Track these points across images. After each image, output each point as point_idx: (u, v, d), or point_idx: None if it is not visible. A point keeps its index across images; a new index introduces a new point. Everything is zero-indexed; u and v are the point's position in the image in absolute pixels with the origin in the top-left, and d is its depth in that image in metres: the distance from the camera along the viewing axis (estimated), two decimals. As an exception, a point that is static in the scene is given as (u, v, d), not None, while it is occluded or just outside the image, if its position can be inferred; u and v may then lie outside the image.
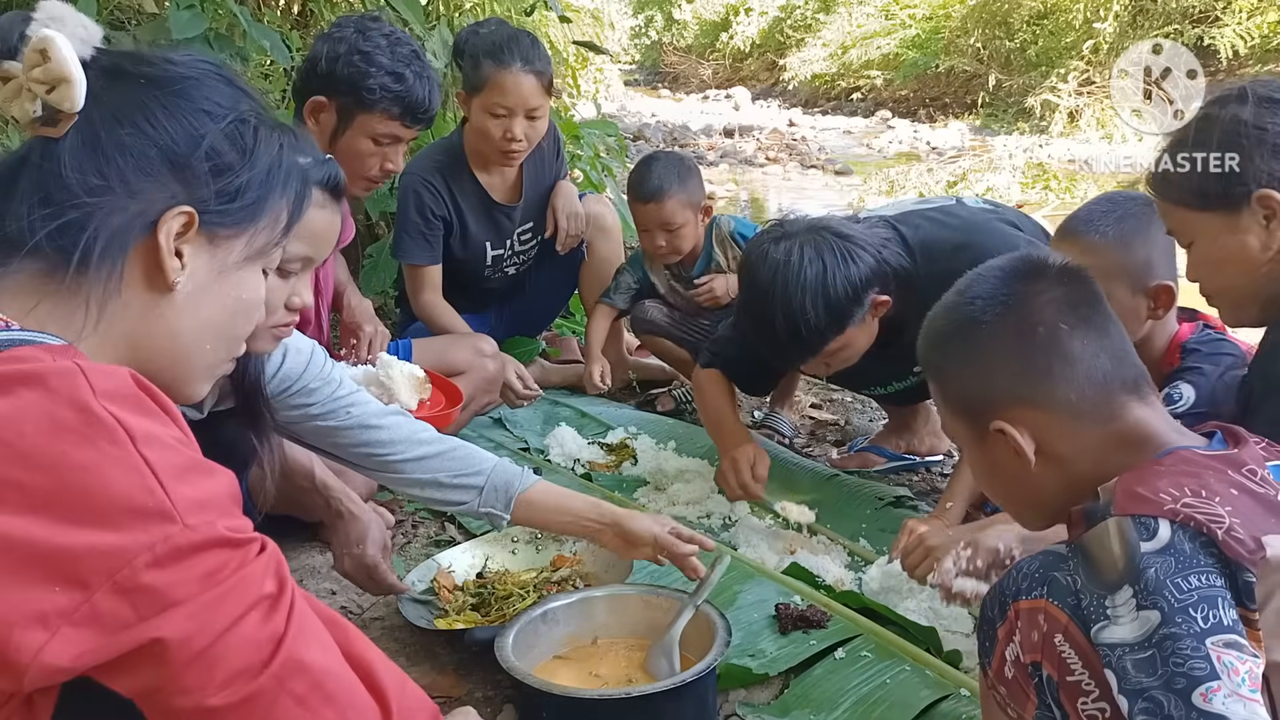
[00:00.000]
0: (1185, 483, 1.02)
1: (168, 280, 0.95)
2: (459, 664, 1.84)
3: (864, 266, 2.09)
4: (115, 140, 0.93)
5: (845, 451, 2.84)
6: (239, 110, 1.00)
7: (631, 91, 18.21)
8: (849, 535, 2.27)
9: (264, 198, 1.01)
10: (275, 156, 1.03)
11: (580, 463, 2.71)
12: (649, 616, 1.77)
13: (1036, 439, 1.16)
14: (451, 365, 2.67)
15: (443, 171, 2.95)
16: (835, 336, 2.10)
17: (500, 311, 3.30)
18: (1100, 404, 1.15)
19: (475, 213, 3.01)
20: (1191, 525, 0.98)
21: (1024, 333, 1.17)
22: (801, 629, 1.87)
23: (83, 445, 0.79)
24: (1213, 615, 0.94)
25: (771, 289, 2.07)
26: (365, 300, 2.76)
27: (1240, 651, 0.93)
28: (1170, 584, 0.96)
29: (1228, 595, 0.95)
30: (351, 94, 2.25)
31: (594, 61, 8.78)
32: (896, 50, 14.94)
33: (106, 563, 0.78)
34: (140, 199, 0.93)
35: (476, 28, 2.99)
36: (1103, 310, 1.19)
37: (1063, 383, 1.15)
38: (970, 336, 1.21)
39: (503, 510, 1.74)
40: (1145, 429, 1.14)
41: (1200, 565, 0.97)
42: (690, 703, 1.58)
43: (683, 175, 2.89)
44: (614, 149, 5.44)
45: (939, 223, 2.28)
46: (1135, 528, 1.00)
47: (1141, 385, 1.17)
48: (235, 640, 0.82)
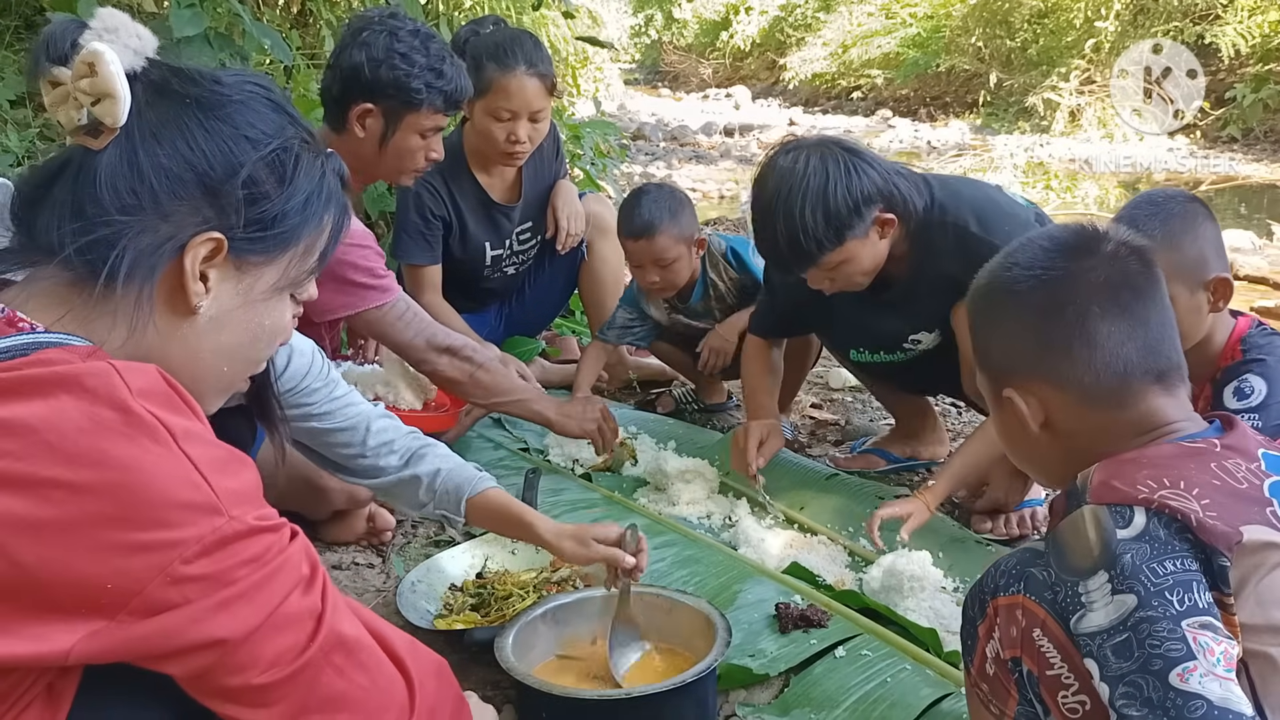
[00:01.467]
0: (1164, 474, 1.03)
1: (190, 304, 0.95)
2: (459, 664, 1.83)
3: (868, 181, 2.11)
4: (152, 160, 0.93)
5: (848, 452, 2.83)
6: (284, 137, 0.99)
7: (631, 90, 18.20)
8: (849, 535, 2.27)
9: (299, 227, 1.01)
10: (316, 185, 1.02)
11: (580, 463, 2.71)
12: (649, 616, 1.77)
13: (1046, 412, 1.17)
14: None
15: (442, 172, 2.94)
16: (834, 248, 2.10)
17: (500, 311, 3.30)
18: (1115, 391, 1.14)
19: (474, 213, 3.01)
20: (1166, 512, 1.00)
21: (1051, 311, 1.16)
22: (802, 629, 1.87)
23: (125, 443, 0.81)
24: (1188, 598, 0.95)
25: (775, 197, 2.10)
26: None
27: (1215, 633, 0.94)
28: (1146, 569, 0.97)
29: (1203, 580, 0.97)
30: (398, 96, 2.28)
31: (594, 60, 8.79)
32: (897, 49, 14.94)
33: (159, 557, 0.80)
34: (171, 221, 0.93)
35: (476, 28, 2.95)
36: (1149, 296, 1.17)
37: (1080, 365, 1.14)
38: (1001, 303, 1.22)
39: (455, 513, 1.77)
40: (1157, 418, 1.14)
41: (1175, 551, 0.98)
42: (690, 703, 1.57)
43: (673, 209, 2.80)
44: (614, 148, 5.44)
45: (975, 186, 2.31)
46: (1111, 515, 1.02)
47: (1169, 376, 1.15)
48: (282, 620, 0.87)
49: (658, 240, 2.76)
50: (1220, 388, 1.81)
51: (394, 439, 1.79)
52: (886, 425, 2.93)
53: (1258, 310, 4.44)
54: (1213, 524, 0.98)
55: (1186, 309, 1.76)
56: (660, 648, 1.74)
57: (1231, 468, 1.06)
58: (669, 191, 2.89)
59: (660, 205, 2.78)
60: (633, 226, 2.79)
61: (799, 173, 2.09)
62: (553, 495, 2.48)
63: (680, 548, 2.23)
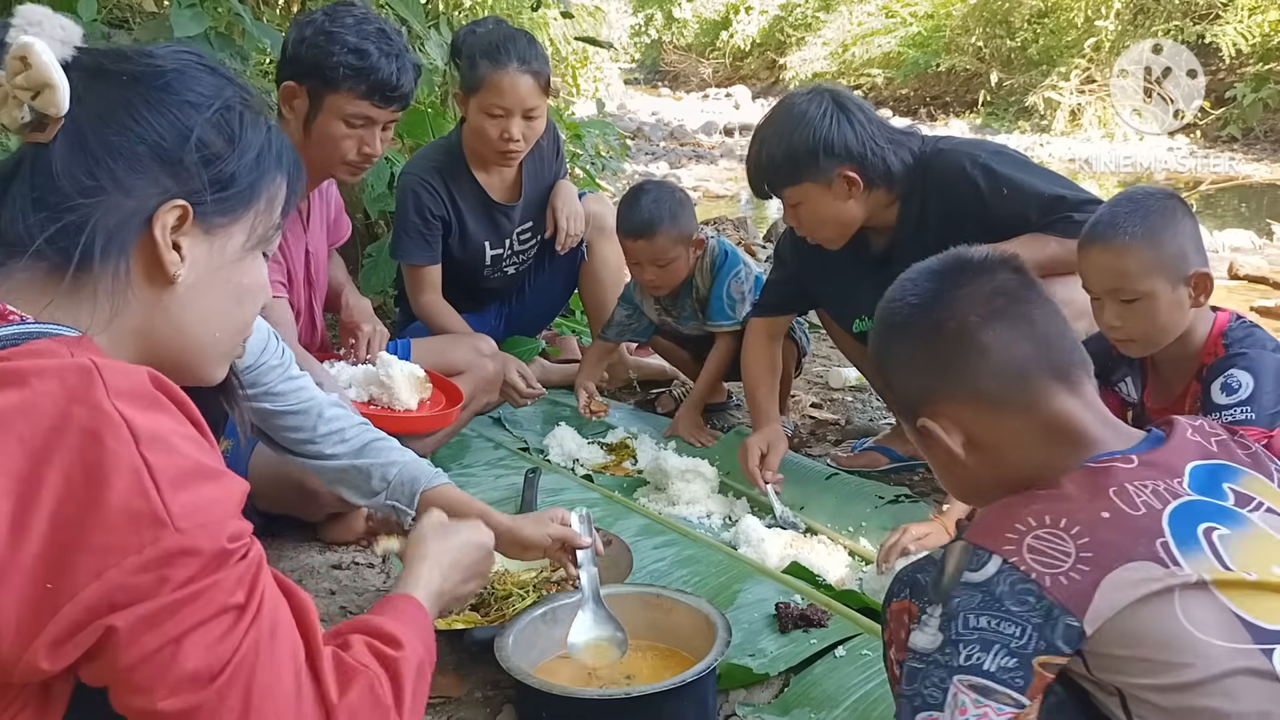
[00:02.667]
0: (1047, 512, 1.03)
1: (168, 274, 0.96)
2: (459, 664, 1.84)
3: (839, 136, 2.22)
4: (103, 141, 0.94)
5: (849, 451, 2.83)
6: (224, 98, 1.00)
7: (631, 90, 18.21)
8: (849, 535, 2.27)
9: (257, 182, 1.02)
10: (264, 140, 1.03)
11: (580, 462, 2.71)
12: (649, 616, 1.77)
13: (965, 431, 1.17)
14: (451, 365, 2.66)
15: (441, 171, 2.94)
16: (789, 185, 2.27)
17: (500, 311, 3.29)
18: (1021, 390, 1.14)
19: (474, 212, 3.01)
20: (1020, 570, 1.00)
21: (934, 331, 1.18)
22: (802, 628, 1.87)
23: (88, 442, 0.80)
24: (977, 657, 0.98)
25: (762, 124, 2.32)
26: (364, 299, 2.76)
27: (985, 697, 0.97)
28: (962, 617, 1.00)
29: (1019, 643, 0.97)
30: (317, 75, 2.22)
31: (594, 60, 8.79)
32: (897, 49, 14.95)
33: (96, 561, 0.79)
34: (134, 196, 0.94)
35: (474, 27, 2.95)
36: (1025, 299, 1.18)
37: (980, 373, 1.15)
38: (891, 338, 1.24)
39: (407, 505, 1.75)
40: (1069, 421, 1.13)
41: (1002, 611, 0.99)
42: (690, 702, 1.58)
43: (673, 209, 2.79)
44: (614, 147, 5.44)
45: (999, 156, 2.31)
46: (970, 556, 1.04)
47: (1072, 373, 1.15)
48: (190, 648, 0.83)
49: (656, 240, 2.76)
50: (1207, 385, 1.84)
51: (345, 428, 1.77)
52: (886, 425, 2.93)
53: (1257, 310, 4.44)
54: (1067, 584, 0.98)
55: (1168, 304, 1.81)
56: (643, 646, 1.75)
57: (1135, 491, 1.03)
58: (669, 190, 2.88)
59: (660, 204, 2.77)
60: (631, 225, 2.78)
61: (786, 107, 2.28)
62: (553, 495, 2.48)
63: (680, 548, 2.23)
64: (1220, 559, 0.99)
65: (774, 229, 5.81)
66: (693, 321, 2.97)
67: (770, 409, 2.59)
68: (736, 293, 2.87)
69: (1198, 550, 0.99)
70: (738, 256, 2.93)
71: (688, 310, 2.96)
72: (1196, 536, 1.00)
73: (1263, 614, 0.97)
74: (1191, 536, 1.00)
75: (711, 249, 2.90)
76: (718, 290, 2.87)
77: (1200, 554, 0.99)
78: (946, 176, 2.25)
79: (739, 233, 5.95)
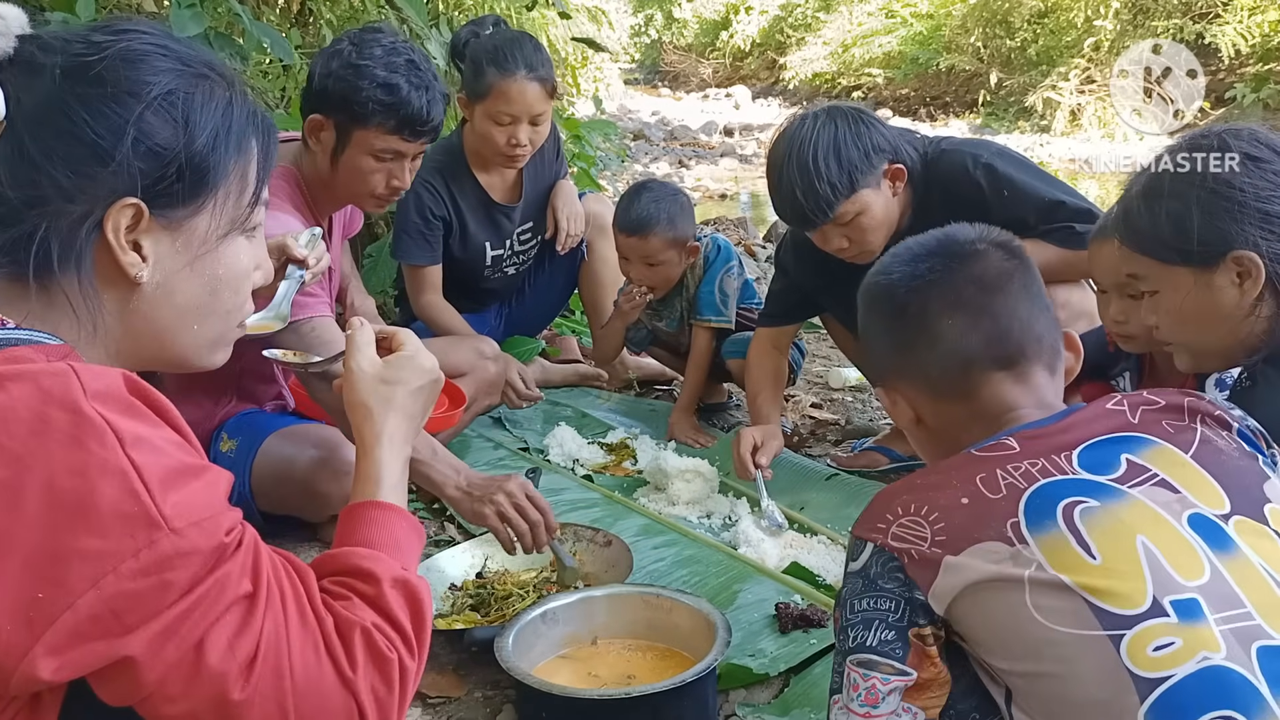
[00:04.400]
0: (914, 500, 1.10)
1: (128, 276, 0.92)
2: (459, 664, 1.84)
3: (877, 134, 2.23)
4: (41, 146, 0.88)
5: (850, 451, 2.83)
6: (165, 81, 0.92)
7: (631, 90, 18.20)
8: (849, 535, 2.27)
9: (216, 166, 0.95)
10: (220, 118, 0.95)
11: (580, 462, 2.71)
12: (649, 616, 1.77)
13: (913, 408, 1.24)
14: (453, 367, 2.66)
15: (442, 172, 2.94)
16: (848, 194, 2.20)
17: (500, 311, 3.29)
18: (959, 382, 1.18)
19: (475, 213, 3.01)
20: (888, 550, 1.08)
21: (899, 312, 1.23)
22: (802, 628, 1.87)
23: (71, 446, 0.78)
24: (861, 635, 1.07)
25: (788, 154, 2.22)
26: (369, 299, 2.76)
27: (870, 670, 1.05)
28: (849, 603, 1.10)
29: (894, 616, 1.06)
30: (345, 109, 2.13)
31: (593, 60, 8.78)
32: (897, 49, 14.93)
33: (91, 568, 0.77)
34: (81, 200, 0.89)
35: (476, 29, 2.91)
36: (999, 289, 1.19)
37: (928, 362, 1.20)
38: (866, 307, 1.30)
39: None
40: (1001, 406, 1.17)
41: (876, 590, 1.07)
42: (690, 702, 1.57)
43: (672, 211, 2.78)
44: (615, 145, 5.44)
45: (1002, 156, 2.33)
46: (852, 548, 1.13)
47: (1020, 363, 1.18)
48: (211, 648, 0.82)
49: (649, 240, 2.77)
50: (1202, 380, 1.82)
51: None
52: (886, 425, 2.93)
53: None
54: (918, 559, 1.05)
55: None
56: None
57: (1002, 475, 1.07)
58: (671, 191, 2.88)
59: (659, 205, 2.77)
60: (627, 222, 2.79)
61: (809, 129, 2.22)
62: (553, 495, 2.48)
63: (680, 548, 2.23)
64: (1077, 533, 1.01)
65: (774, 229, 5.80)
66: (677, 325, 2.97)
67: (771, 414, 2.59)
68: (729, 288, 2.87)
69: (1050, 527, 1.02)
70: (731, 252, 2.94)
71: (676, 312, 2.97)
72: (1054, 513, 1.03)
73: (1114, 599, 0.97)
74: (1048, 514, 1.02)
75: (705, 244, 2.91)
76: (709, 285, 2.87)
77: (1053, 530, 1.01)
78: (951, 176, 2.26)
79: (739, 232, 5.95)
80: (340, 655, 0.90)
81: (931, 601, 1.05)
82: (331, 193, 2.23)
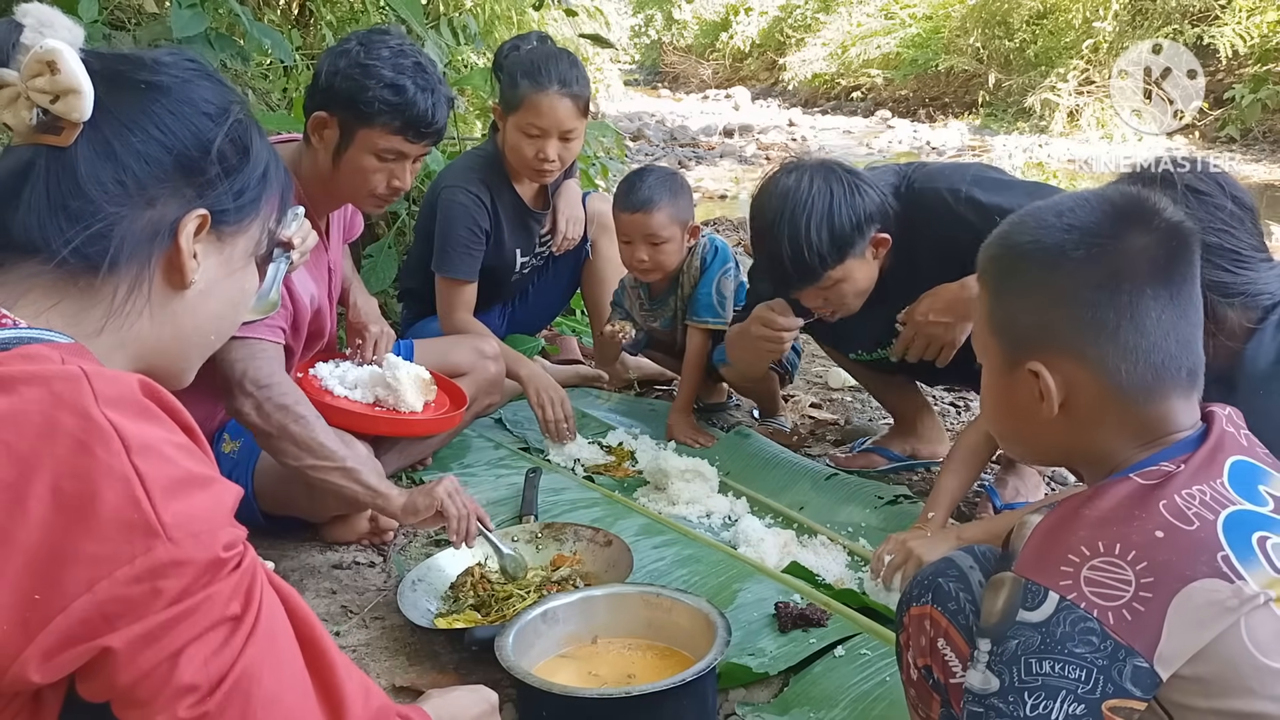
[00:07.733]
0: (1099, 538, 0.96)
1: (185, 280, 0.99)
2: (459, 664, 1.84)
3: (869, 201, 2.18)
4: (129, 148, 0.95)
5: (848, 451, 2.84)
6: (232, 110, 1.03)
7: (631, 91, 18.19)
8: (848, 535, 2.28)
9: (261, 194, 1.05)
10: (270, 153, 1.07)
11: (580, 463, 2.71)
12: (649, 616, 1.78)
13: (1067, 392, 1.06)
14: (453, 367, 2.66)
15: (487, 184, 2.92)
16: (836, 264, 2.16)
17: (504, 310, 3.29)
18: (1148, 385, 1.04)
19: (511, 222, 3.01)
20: (1082, 607, 0.94)
21: (1105, 285, 1.04)
22: (801, 628, 1.87)
23: (77, 451, 0.79)
24: (1043, 706, 0.93)
25: (779, 215, 2.15)
26: (371, 299, 2.75)
27: None
28: (1023, 661, 0.94)
29: (1085, 688, 0.92)
30: (351, 108, 2.14)
31: (594, 60, 8.79)
32: (896, 50, 14.94)
33: (87, 572, 0.78)
34: (159, 205, 0.96)
35: (517, 43, 2.98)
36: (1192, 284, 1.07)
37: (1123, 351, 1.04)
38: (1049, 266, 1.07)
39: None
40: (1168, 425, 1.05)
41: (1064, 654, 0.93)
42: (690, 702, 1.58)
43: (674, 190, 2.80)
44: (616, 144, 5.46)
45: (958, 163, 2.30)
46: (1024, 593, 0.97)
47: (1196, 376, 1.07)
48: (186, 662, 0.82)
49: (654, 215, 2.77)
50: None
51: None
52: (886, 424, 2.93)
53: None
54: (1131, 619, 0.92)
55: None
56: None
57: (1184, 503, 0.96)
58: (671, 174, 2.91)
59: (661, 184, 2.80)
60: (631, 200, 2.79)
61: (804, 191, 2.14)
62: (553, 495, 2.48)
63: (680, 547, 2.23)
64: (1276, 568, 0.94)
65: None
66: (670, 324, 2.98)
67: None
68: (726, 290, 2.88)
69: (1255, 562, 0.94)
70: (728, 254, 2.94)
71: (670, 311, 2.97)
72: (1252, 547, 0.95)
73: None
74: (1247, 547, 0.94)
75: (702, 245, 2.92)
76: (706, 286, 2.87)
77: (1258, 566, 0.94)
78: (933, 215, 2.20)
79: (739, 233, 5.95)
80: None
81: (1158, 667, 0.91)
82: (331, 192, 2.24)
